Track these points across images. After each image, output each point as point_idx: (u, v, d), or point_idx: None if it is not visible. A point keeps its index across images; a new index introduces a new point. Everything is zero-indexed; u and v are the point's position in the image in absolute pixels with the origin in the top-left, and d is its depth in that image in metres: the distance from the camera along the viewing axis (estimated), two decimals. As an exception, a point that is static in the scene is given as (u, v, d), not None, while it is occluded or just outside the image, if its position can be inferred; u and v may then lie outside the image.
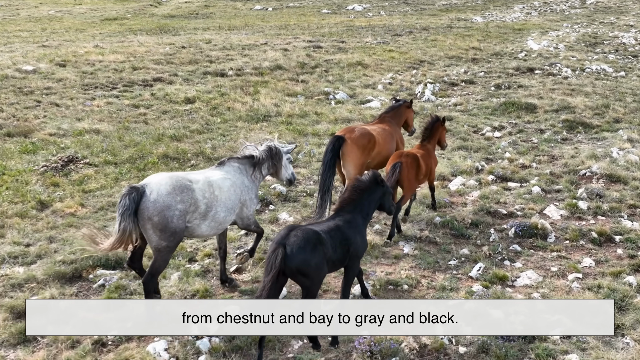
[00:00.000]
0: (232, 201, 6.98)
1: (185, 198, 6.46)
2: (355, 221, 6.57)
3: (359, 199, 6.69)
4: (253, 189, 7.39)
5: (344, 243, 6.31)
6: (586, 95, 18.81)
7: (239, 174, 7.27)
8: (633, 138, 14.29)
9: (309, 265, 5.88)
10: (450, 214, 10.08)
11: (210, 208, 6.70)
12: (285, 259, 5.75)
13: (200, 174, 6.96)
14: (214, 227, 6.86)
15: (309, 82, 19.87)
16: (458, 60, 25.56)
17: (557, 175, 12.02)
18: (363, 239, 6.67)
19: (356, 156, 9.20)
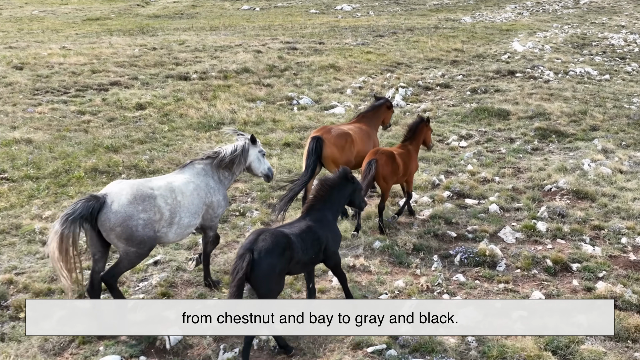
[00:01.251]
0: (195, 205, 6.82)
1: (147, 207, 6.32)
2: (326, 218, 6.54)
3: (328, 195, 6.63)
4: (220, 190, 7.18)
5: (316, 243, 6.28)
6: (565, 101, 17.83)
7: (203, 175, 7.07)
8: (608, 148, 13.31)
9: (273, 271, 5.77)
10: (393, 236, 9.09)
11: (175, 214, 6.56)
12: (253, 264, 5.64)
13: (162, 180, 6.79)
14: (179, 234, 6.76)
15: (274, 86, 18.89)
16: (438, 63, 24.59)
17: (519, 191, 11.03)
18: (335, 234, 6.65)
19: (335, 157, 9.08)
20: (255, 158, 7.65)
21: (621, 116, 16.12)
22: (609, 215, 10.05)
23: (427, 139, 10.07)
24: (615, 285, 7.72)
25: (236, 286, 5.63)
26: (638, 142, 13.99)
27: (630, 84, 20.96)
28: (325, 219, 6.55)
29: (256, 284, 5.81)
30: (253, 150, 7.60)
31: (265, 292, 5.84)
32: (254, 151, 7.60)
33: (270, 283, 5.84)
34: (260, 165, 7.74)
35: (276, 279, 5.88)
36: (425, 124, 9.86)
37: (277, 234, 5.95)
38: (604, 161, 12.44)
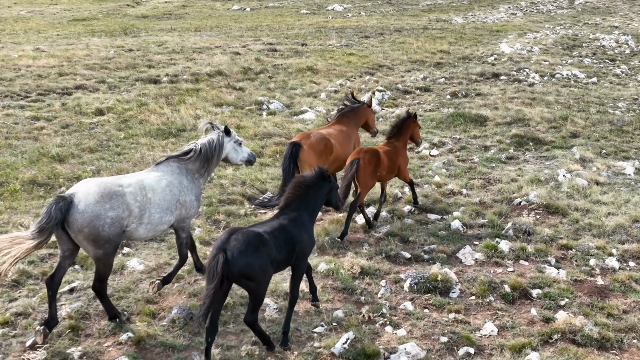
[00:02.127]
0: (167, 202, 6.74)
1: (115, 205, 6.25)
2: (301, 219, 6.40)
3: (304, 195, 6.50)
4: (193, 190, 7.09)
5: (289, 242, 6.15)
6: (547, 105, 17.11)
7: (177, 174, 6.98)
8: (586, 157, 12.58)
9: (252, 268, 5.70)
10: (342, 257, 8.37)
11: (144, 211, 6.50)
12: (227, 264, 5.55)
13: (133, 177, 6.71)
14: (151, 230, 6.68)
15: (246, 90, 18.17)
16: (421, 65, 23.87)
17: (486, 206, 10.30)
18: (310, 237, 6.50)
19: (313, 162, 8.88)
20: (232, 149, 7.54)
21: (604, 122, 15.40)
22: (579, 232, 9.33)
23: (415, 135, 10.07)
24: (577, 315, 7.00)
25: (212, 289, 5.53)
26: (619, 150, 13.27)
27: (617, 87, 20.25)
28: (300, 219, 6.40)
29: (238, 282, 5.77)
30: (228, 143, 7.47)
31: (251, 286, 5.82)
32: (229, 143, 7.48)
33: (254, 278, 5.78)
34: (239, 154, 7.63)
35: (260, 274, 5.80)
36: (412, 120, 9.84)
37: (248, 232, 5.87)
38: (581, 172, 11.72)
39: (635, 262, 8.36)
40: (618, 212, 9.91)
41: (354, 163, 8.69)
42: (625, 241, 8.95)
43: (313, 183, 6.59)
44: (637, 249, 8.59)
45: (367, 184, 8.97)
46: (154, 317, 6.86)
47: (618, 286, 7.69)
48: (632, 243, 8.88)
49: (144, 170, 7.16)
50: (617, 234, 9.17)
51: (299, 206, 6.47)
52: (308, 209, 6.55)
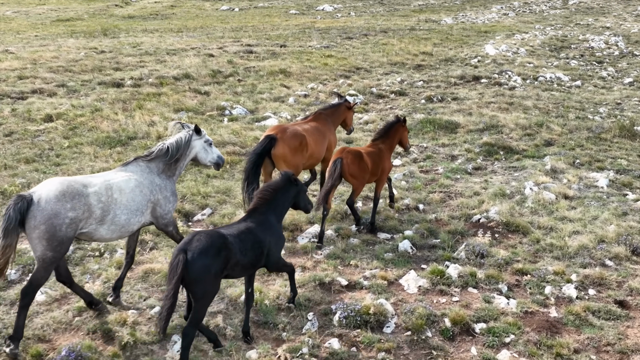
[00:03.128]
0: (137, 202, 6.59)
1: (76, 205, 6.07)
2: (268, 221, 6.44)
3: (272, 198, 6.54)
4: (167, 187, 6.97)
5: (256, 246, 6.15)
6: (524, 110, 16.33)
7: (147, 173, 6.84)
8: (557, 168, 11.79)
9: (208, 272, 5.59)
10: (271, 284, 7.57)
11: (108, 212, 6.33)
12: (186, 265, 5.46)
13: (99, 177, 6.55)
14: (115, 231, 6.49)
15: (211, 94, 17.37)
16: (401, 67, 23.09)
17: (442, 223, 9.51)
18: (278, 237, 6.53)
19: (288, 158, 8.90)
20: (202, 149, 7.41)
21: (582, 129, 14.61)
22: (539, 254, 8.54)
23: (404, 140, 9.75)
24: (521, 356, 6.21)
25: (173, 289, 5.44)
26: (594, 159, 12.48)
27: (601, 91, 19.47)
28: (268, 222, 6.43)
29: (190, 285, 5.61)
30: (198, 142, 7.35)
31: (199, 293, 5.65)
32: (199, 142, 7.36)
33: (205, 284, 5.64)
34: (208, 155, 7.50)
35: (211, 281, 5.68)
36: (401, 124, 9.54)
37: (212, 234, 5.79)
38: (549, 184, 10.93)
39: (595, 290, 7.57)
40: (584, 230, 9.12)
41: (337, 163, 8.50)
42: (587, 265, 8.17)
43: (280, 187, 6.62)
44: (598, 274, 7.81)
45: (360, 182, 8.80)
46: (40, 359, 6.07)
47: (572, 319, 6.90)
48: (595, 267, 8.09)
49: (112, 170, 6.97)
50: (580, 257, 8.39)
51: (266, 209, 6.48)
52: (276, 211, 6.58)
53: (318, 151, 9.48)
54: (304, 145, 9.11)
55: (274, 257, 6.45)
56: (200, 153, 7.42)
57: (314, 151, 9.38)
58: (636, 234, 8.94)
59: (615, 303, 7.28)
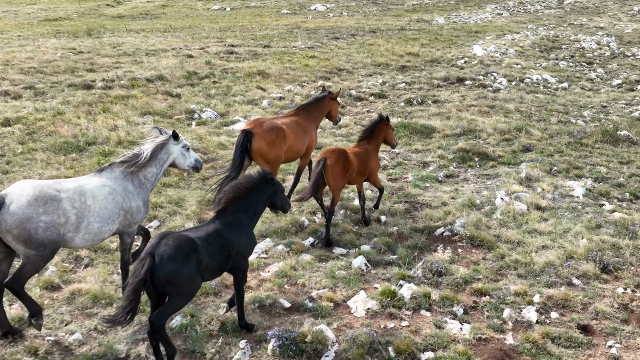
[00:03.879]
0: (109, 210, 6.44)
1: (50, 209, 5.94)
2: (239, 222, 6.19)
3: (244, 198, 6.27)
4: (140, 195, 6.79)
5: (224, 248, 5.95)
6: (506, 114, 15.76)
7: (121, 180, 6.68)
8: (533, 176, 11.22)
9: (179, 275, 5.45)
10: (208, 306, 7.00)
11: (82, 219, 6.19)
12: (153, 269, 5.34)
13: (73, 182, 6.37)
14: (89, 239, 6.36)
15: (182, 97, 16.80)
16: (385, 68, 22.52)
17: (403, 237, 8.93)
18: (249, 239, 6.30)
19: (264, 151, 8.88)
20: (179, 154, 7.29)
21: (563, 133, 14.04)
22: (502, 272, 7.96)
23: (389, 138, 9.74)
24: (467, 392, 5.64)
25: (132, 291, 5.30)
26: (572, 166, 11.90)
27: (588, 93, 18.90)
28: (238, 223, 6.17)
29: (163, 288, 5.49)
30: (176, 147, 7.23)
31: (175, 294, 5.53)
32: (176, 147, 7.24)
33: (180, 287, 5.51)
34: (186, 159, 7.37)
35: (186, 282, 5.54)
36: (385, 123, 9.52)
37: (180, 237, 5.61)
38: (522, 194, 10.36)
39: (558, 313, 7.00)
40: (553, 245, 8.55)
41: (321, 163, 8.41)
42: (553, 284, 7.60)
43: (254, 186, 6.34)
44: (563, 295, 7.23)
45: (338, 186, 8.63)
46: None
47: (529, 348, 6.32)
48: (560, 287, 7.52)
49: (86, 176, 6.84)
50: (545, 274, 7.82)
51: (237, 209, 6.21)
52: (248, 212, 6.31)
53: (297, 144, 9.42)
54: (281, 137, 9.04)
55: (240, 260, 6.20)
56: (179, 158, 7.31)
57: (293, 144, 9.31)
58: (608, 250, 8.37)
59: (578, 328, 6.71)
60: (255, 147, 8.87)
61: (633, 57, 25.62)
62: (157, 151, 6.97)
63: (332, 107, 10.51)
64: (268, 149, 8.92)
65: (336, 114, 10.71)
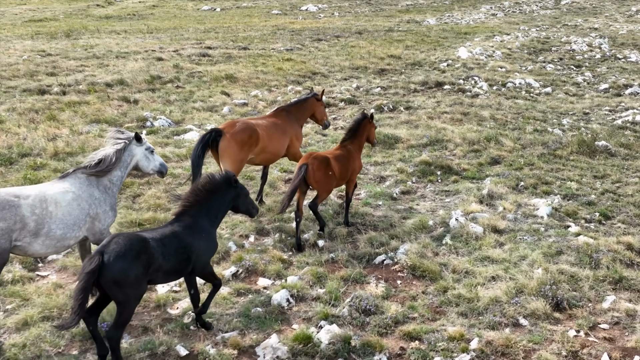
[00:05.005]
0: (73, 217, 6.35)
1: (7, 215, 5.83)
2: (198, 225, 6.05)
3: (205, 200, 6.16)
4: (107, 200, 6.72)
5: (181, 251, 5.82)
6: (479, 122, 14.82)
7: (86, 185, 6.58)
8: (495, 193, 10.27)
9: (126, 275, 5.30)
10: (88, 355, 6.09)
11: (42, 225, 6.08)
12: (101, 268, 5.21)
13: (34, 189, 6.26)
14: (51, 245, 6.22)
15: (140, 103, 15.90)
16: (363, 72, 21.59)
17: (338, 266, 8.00)
18: (209, 243, 6.19)
19: (233, 152, 8.62)
20: (143, 157, 7.18)
21: (537, 144, 13.09)
22: (441, 309, 7.03)
23: (371, 136, 9.54)
24: None
25: (80, 289, 5.19)
26: (541, 181, 10.96)
27: (571, 99, 17.94)
28: (198, 226, 6.04)
29: (110, 289, 5.36)
30: (139, 149, 7.12)
31: (120, 297, 5.40)
32: (139, 150, 7.13)
33: (125, 288, 5.37)
34: (150, 163, 7.27)
35: (133, 284, 5.40)
36: (367, 121, 9.32)
37: (132, 237, 5.52)
38: (479, 214, 9.42)
39: (496, 363, 6.06)
40: (504, 275, 7.61)
41: (302, 169, 8.22)
42: (496, 325, 6.66)
43: (217, 188, 6.21)
44: (504, 341, 6.29)
45: (326, 188, 8.53)
46: None
47: (453, 410, 5.39)
48: (503, 329, 6.59)
49: (49, 182, 6.71)
50: (490, 312, 6.88)
51: (197, 212, 6.09)
52: (209, 215, 6.18)
53: (273, 147, 9.18)
54: (253, 139, 8.81)
55: (201, 264, 6.06)
56: (142, 161, 7.20)
57: (267, 146, 9.07)
58: (564, 282, 7.44)
59: (515, 383, 5.78)
60: (223, 146, 8.58)
61: (624, 60, 24.64)
62: (120, 154, 6.87)
63: (317, 109, 10.20)
64: (237, 149, 8.65)
65: (323, 117, 10.35)
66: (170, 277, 6.00)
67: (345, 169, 8.76)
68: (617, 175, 11.34)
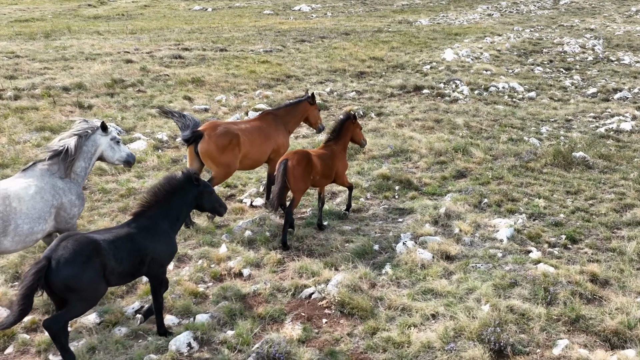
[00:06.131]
0: (39, 210, 6.27)
1: None
2: (156, 227, 5.84)
3: (165, 201, 5.94)
4: (72, 190, 6.61)
5: (135, 254, 5.63)
6: (452, 130, 13.86)
7: (48, 177, 6.46)
8: (454, 212, 9.31)
9: (78, 279, 5.16)
10: None
11: (9, 222, 6.01)
12: (49, 274, 5.08)
13: None
14: (20, 242, 6.16)
15: (94, 108, 15.02)
16: (341, 75, 20.66)
17: (258, 300, 7.06)
18: (168, 246, 5.93)
19: (214, 155, 8.50)
20: (108, 147, 7.11)
21: (509, 154, 12.12)
22: (365, 356, 6.08)
23: (357, 137, 9.46)
24: None
25: (22, 296, 5.00)
26: (507, 198, 10.00)
27: (555, 104, 16.94)
28: (156, 227, 5.86)
29: (63, 294, 5.20)
30: (104, 139, 7.04)
31: (74, 300, 5.21)
32: (105, 140, 7.05)
33: (81, 292, 5.20)
34: (115, 153, 7.19)
35: (87, 287, 5.23)
36: (351, 121, 9.27)
37: (82, 240, 5.31)
38: (432, 237, 8.47)
39: None
40: (446, 313, 6.66)
41: (282, 165, 8.14)
42: (423, 379, 5.70)
43: (177, 188, 6.01)
44: (427, 400, 5.33)
45: (299, 188, 8.33)
46: None
47: None
48: (431, 384, 5.63)
49: (9, 178, 6.67)
50: (420, 361, 5.92)
51: (156, 213, 5.90)
52: (170, 216, 5.98)
53: (256, 152, 9.04)
54: (234, 144, 8.65)
55: (156, 268, 5.84)
56: (107, 151, 7.11)
57: (250, 151, 8.91)
58: (513, 322, 6.47)
59: None
60: (202, 148, 8.48)
61: (617, 62, 23.59)
62: (81, 143, 6.72)
63: (311, 113, 10.00)
64: (218, 154, 8.50)
65: (316, 120, 10.12)
66: (124, 280, 5.82)
67: (328, 168, 8.66)
68: (592, 191, 10.36)
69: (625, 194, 10.22)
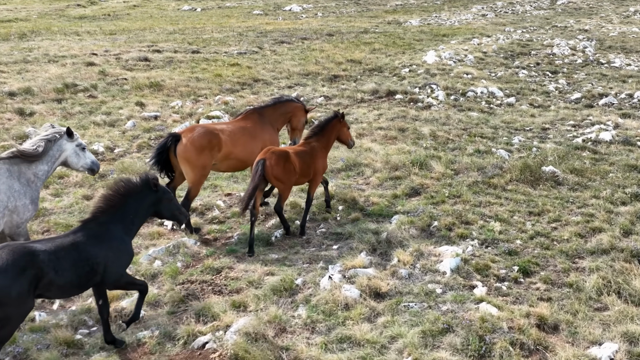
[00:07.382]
0: None
1: None
2: (108, 234, 5.57)
3: (119, 206, 5.71)
4: (27, 193, 6.49)
5: (81, 264, 5.31)
6: (415, 140, 12.82)
7: (5, 177, 6.36)
8: (395, 238, 8.29)
9: (8, 293, 4.81)
10: None
11: None
12: None
13: None
14: None
15: (35, 115, 14.02)
16: (313, 79, 19.62)
17: (142, 351, 6.02)
18: (121, 253, 5.67)
19: (192, 157, 8.23)
20: (72, 153, 7.00)
21: (473, 169, 11.06)
22: None
23: (343, 137, 9.21)
24: None
25: None
26: (461, 221, 8.94)
27: (533, 111, 15.85)
28: (108, 234, 5.54)
29: None
30: (69, 145, 6.97)
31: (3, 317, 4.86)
32: (70, 145, 6.97)
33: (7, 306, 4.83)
34: (80, 159, 7.08)
35: (14, 303, 4.88)
36: (338, 120, 8.99)
37: (17, 250, 4.99)
38: (363, 269, 7.43)
39: None
40: (360, 369, 5.61)
41: (260, 164, 7.89)
42: None
43: (132, 192, 5.78)
44: None
45: (286, 184, 8.16)
46: None
47: None
48: None
49: None
50: None
51: (110, 219, 5.63)
52: (124, 221, 5.71)
53: (239, 152, 8.70)
54: (214, 144, 8.37)
55: (112, 276, 5.59)
56: (71, 157, 7.04)
57: (232, 152, 8.59)
58: (434, 383, 5.41)
59: None
60: (180, 151, 8.26)
61: (607, 65, 22.47)
62: (48, 147, 6.67)
63: (296, 114, 9.71)
64: (196, 155, 8.24)
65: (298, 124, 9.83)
66: (69, 292, 5.52)
67: (306, 166, 8.36)
68: (557, 212, 9.28)
69: (593, 215, 9.15)
